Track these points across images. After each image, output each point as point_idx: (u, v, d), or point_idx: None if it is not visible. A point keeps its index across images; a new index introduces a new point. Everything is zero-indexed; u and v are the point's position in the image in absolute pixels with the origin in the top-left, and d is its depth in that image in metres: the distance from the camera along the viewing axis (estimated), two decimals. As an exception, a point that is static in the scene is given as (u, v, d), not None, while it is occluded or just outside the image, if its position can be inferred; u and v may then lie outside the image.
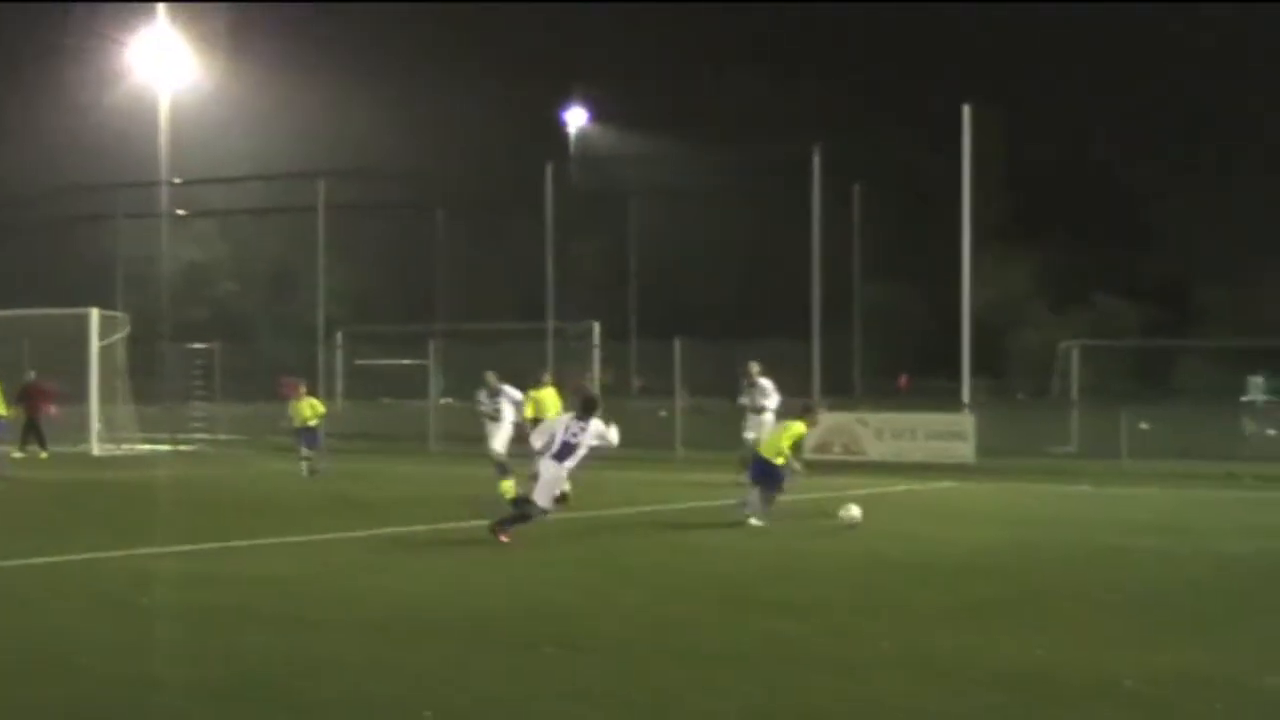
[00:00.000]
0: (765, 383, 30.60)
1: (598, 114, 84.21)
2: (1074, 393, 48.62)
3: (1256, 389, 46.75)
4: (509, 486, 25.63)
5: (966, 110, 43.90)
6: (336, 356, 54.76)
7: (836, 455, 37.10)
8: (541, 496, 19.86)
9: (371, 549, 20.26)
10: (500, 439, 27.83)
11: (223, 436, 47.22)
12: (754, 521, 21.90)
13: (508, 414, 27.88)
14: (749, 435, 29.66)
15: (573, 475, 20.83)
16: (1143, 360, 72.00)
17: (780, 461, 22.62)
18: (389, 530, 22.26)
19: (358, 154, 76.04)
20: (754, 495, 22.49)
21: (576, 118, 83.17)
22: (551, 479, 19.98)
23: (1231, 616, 14.55)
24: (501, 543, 19.12)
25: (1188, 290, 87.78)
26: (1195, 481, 31.14)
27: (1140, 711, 10.38)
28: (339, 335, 56.36)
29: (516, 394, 28.36)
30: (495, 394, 27.98)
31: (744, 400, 30.90)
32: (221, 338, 55.18)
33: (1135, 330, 76.91)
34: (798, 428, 23.28)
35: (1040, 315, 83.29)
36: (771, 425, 29.30)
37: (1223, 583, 16.98)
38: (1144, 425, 39.02)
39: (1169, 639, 13.09)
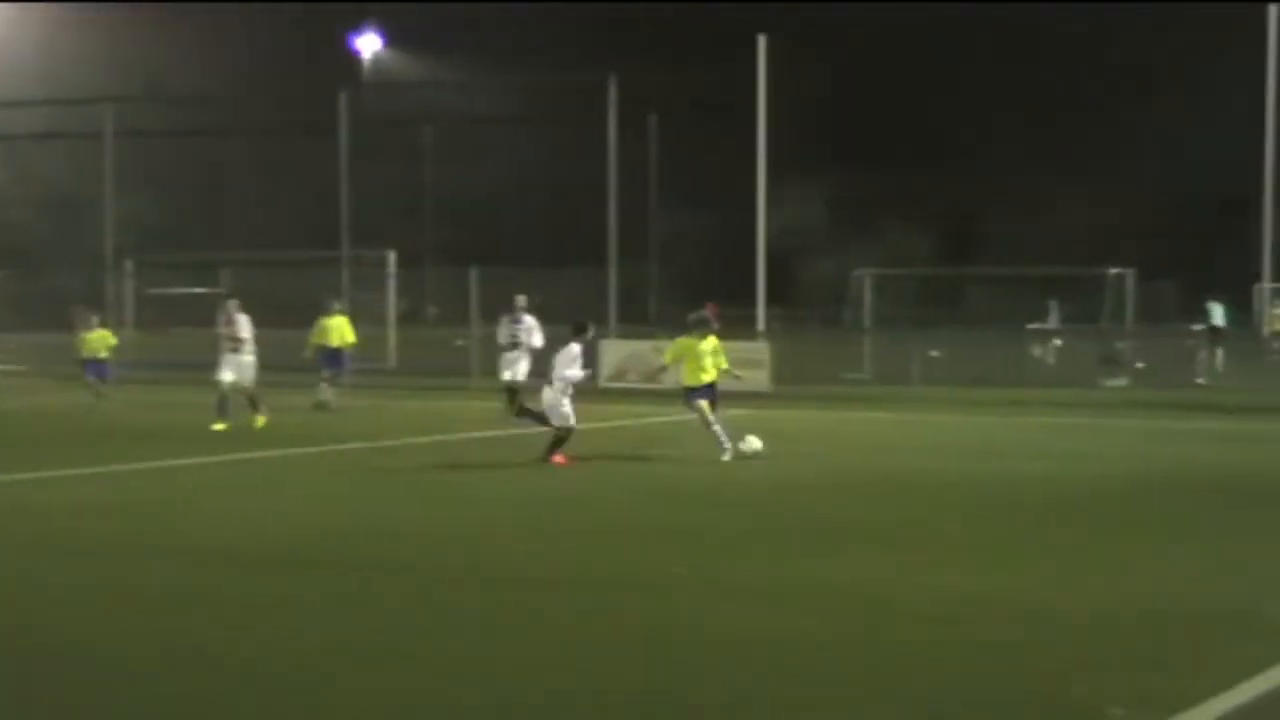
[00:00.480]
0: (531, 319, 28.96)
1: (392, 39, 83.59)
2: (866, 320, 49.36)
3: (1054, 313, 47.90)
4: (224, 427, 25.51)
5: (761, 40, 44.22)
6: (126, 285, 53.61)
7: (631, 383, 37.21)
8: (554, 419, 21.06)
9: (168, 479, 20.13)
10: (241, 373, 26.95)
11: (9, 367, 46.16)
12: (732, 454, 21.63)
13: (242, 342, 27.02)
14: (505, 375, 28.35)
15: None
16: (932, 288, 73.33)
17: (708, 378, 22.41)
18: (183, 461, 22.05)
19: (148, 79, 74.64)
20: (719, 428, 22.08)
21: (370, 43, 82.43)
22: (549, 401, 21.09)
23: (1024, 537, 15.06)
24: (556, 464, 20.41)
25: (976, 218, 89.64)
26: (984, 407, 31.77)
27: (934, 631, 10.71)
28: (129, 264, 55.15)
29: (245, 325, 27.41)
30: (233, 322, 27.16)
31: (502, 336, 29.15)
32: (5, 266, 53.90)
33: (925, 258, 78.32)
34: (713, 340, 22.81)
35: (832, 243, 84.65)
36: (528, 364, 28.65)
37: (1016, 505, 17.48)
38: (934, 353, 39.66)
39: (965, 562, 13.60)
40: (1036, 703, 9.00)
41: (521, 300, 29.33)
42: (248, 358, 27.19)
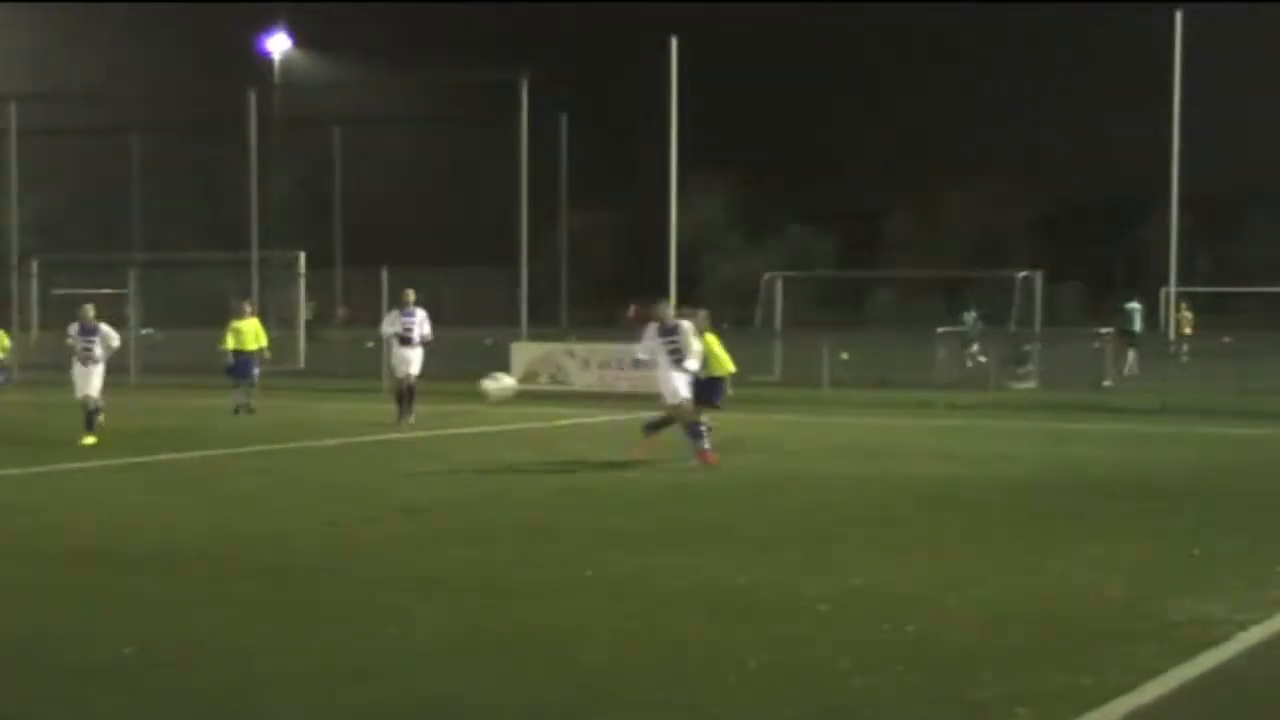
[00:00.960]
0: (421, 312, 28.73)
1: (301, 39, 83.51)
2: (777, 323, 49.71)
3: (970, 320, 48.59)
4: (92, 440, 24.55)
5: (674, 42, 44.30)
6: (31, 286, 53.51)
7: (544, 385, 37.33)
8: (682, 395, 21.07)
9: (65, 482, 20.05)
10: (95, 384, 25.57)
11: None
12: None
13: (100, 354, 25.74)
14: (400, 371, 28.18)
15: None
16: (838, 290, 74.28)
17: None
18: (83, 464, 21.93)
19: (52, 77, 74.41)
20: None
21: (279, 43, 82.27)
22: (678, 379, 21.14)
23: (922, 538, 15.13)
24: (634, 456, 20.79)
25: (879, 221, 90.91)
26: (893, 409, 31.99)
27: (830, 630, 10.83)
28: (34, 264, 55.00)
29: (114, 336, 26.39)
30: (90, 330, 25.82)
31: (389, 329, 29.00)
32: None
33: (830, 260, 79.44)
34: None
35: (739, 245, 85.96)
36: (421, 358, 28.43)
37: (919, 505, 17.69)
38: (844, 355, 39.90)
39: (862, 561, 13.69)
40: (939, 701, 9.06)
41: (410, 294, 29.07)
42: (99, 366, 25.87)
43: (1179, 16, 44.31)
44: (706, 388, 22.26)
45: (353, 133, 70.90)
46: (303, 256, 50.82)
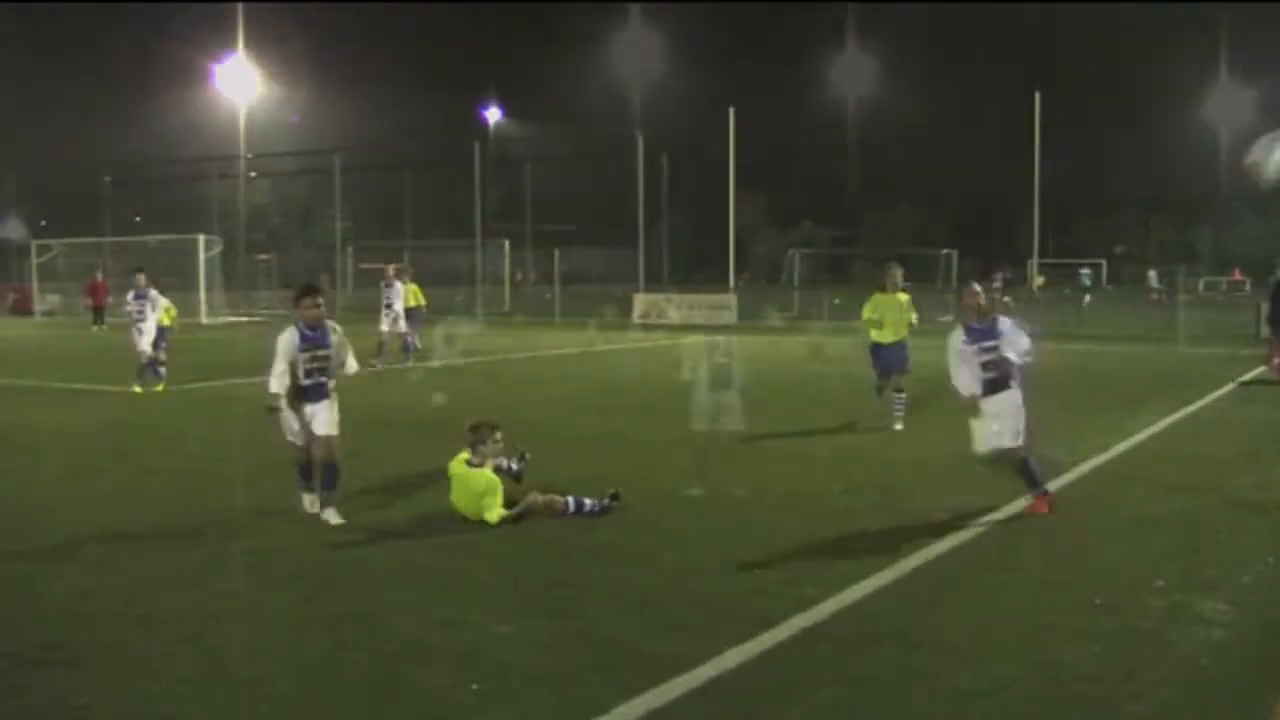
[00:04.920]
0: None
1: (508, 110, 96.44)
2: (796, 281, 64.11)
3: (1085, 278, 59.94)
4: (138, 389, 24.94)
5: (731, 112, 55.89)
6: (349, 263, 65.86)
7: (652, 320, 46.07)
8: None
9: None
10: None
11: None
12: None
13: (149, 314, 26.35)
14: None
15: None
16: (832, 262, 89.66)
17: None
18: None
19: (357, 134, 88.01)
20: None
21: (493, 113, 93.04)
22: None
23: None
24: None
25: (858, 215, 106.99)
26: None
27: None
28: (349, 249, 66.85)
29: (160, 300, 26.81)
30: (140, 295, 26.30)
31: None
32: None
33: (825, 242, 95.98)
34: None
35: (770, 234, 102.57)
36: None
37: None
38: (836, 300, 47.81)
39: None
40: (882, 512, 11.25)
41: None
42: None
43: (1037, 96, 56.04)
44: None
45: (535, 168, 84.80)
46: (506, 244, 66.42)
